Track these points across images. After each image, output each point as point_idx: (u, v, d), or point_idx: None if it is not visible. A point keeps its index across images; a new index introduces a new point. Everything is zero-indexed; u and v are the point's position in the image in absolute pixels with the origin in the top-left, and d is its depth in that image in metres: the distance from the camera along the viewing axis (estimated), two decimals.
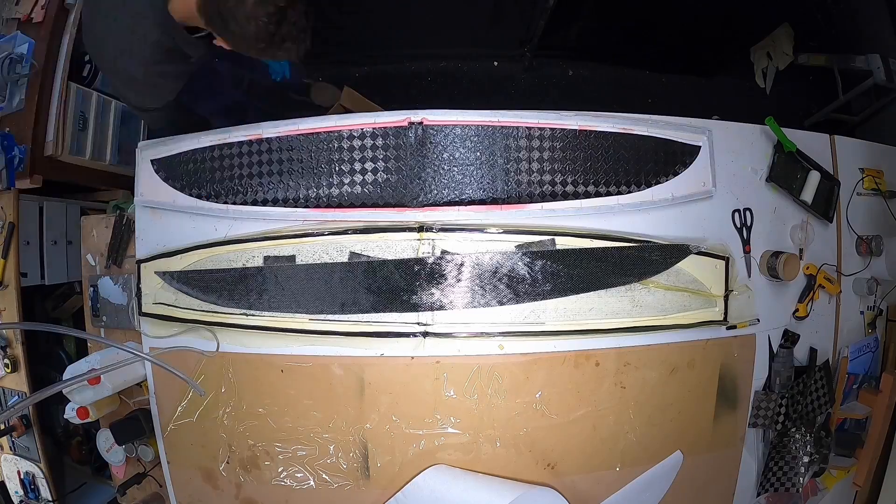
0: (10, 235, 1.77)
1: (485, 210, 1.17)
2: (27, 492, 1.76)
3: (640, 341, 1.20)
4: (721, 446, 1.30)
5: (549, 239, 1.17)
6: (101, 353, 1.25)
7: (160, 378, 1.27)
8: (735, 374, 1.28)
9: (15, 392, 1.73)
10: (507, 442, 1.19)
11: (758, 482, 1.34)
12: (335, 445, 1.21)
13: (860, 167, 1.44)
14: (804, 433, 1.28)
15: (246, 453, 1.24)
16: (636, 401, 1.22)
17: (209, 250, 1.22)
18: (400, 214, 1.17)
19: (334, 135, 1.19)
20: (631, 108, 1.26)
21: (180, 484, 1.30)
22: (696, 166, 1.22)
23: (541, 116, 1.18)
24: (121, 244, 1.39)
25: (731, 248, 1.27)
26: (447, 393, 1.18)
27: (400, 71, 2.50)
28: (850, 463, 1.43)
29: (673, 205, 1.22)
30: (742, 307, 1.26)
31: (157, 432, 1.29)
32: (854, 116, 2.28)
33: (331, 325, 1.18)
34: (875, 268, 1.43)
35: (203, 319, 1.22)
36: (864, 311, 1.45)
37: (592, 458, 1.22)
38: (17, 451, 1.78)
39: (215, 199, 1.22)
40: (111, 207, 1.81)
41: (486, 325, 1.17)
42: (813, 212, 1.33)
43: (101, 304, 1.37)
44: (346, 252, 1.18)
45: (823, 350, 1.38)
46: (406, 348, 1.17)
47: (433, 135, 1.18)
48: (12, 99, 1.93)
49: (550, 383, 1.19)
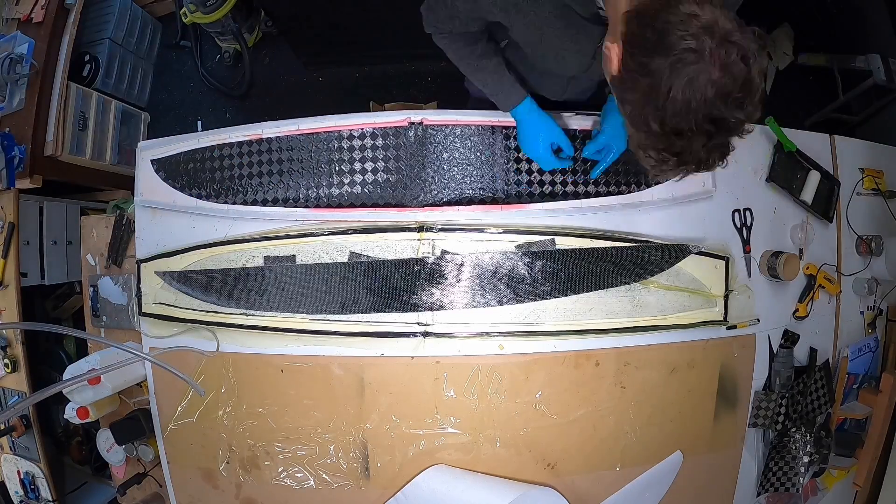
0: (10, 235, 1.77)
1: (485, 210, 1.17)
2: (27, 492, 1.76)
3: (640, 341, 1.20)
4: (721, 446, 1.30)
5: (549, 239, 1.17)
6: (101, 353, 1.25)
7: (160, 378, 1.27)
8: (735, 374, 1.28)
9: (15, 392, 1.73)
10: (507, 442, 1.19)
11: (758, 482, 1.34)
12: (335, 445, 1.21)
13: (860, 167, 1.43)
14: (804, 433, 1.28)
15: (246, 453, 1.24)
16: (636, 401, 1.22)
17: (209, 250, 1.22)
18: (400, 214, 1.17)
19: (334, 135, 1.19)
20: None
21: (180, 484, 1.30)
22: None
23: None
24: (121, 244, 1.39)
25: (731, 248, 1.27)
26: (447, 393, 1.18)
27: (400, 71, 2.50)
28: (850, 463, 1.43)
29: (673, 205, 1.22)
30: (742, 307, 1.26)
31: (157, 432, 1.29)
32: (854, 116, 2.28)
33: (331, 325, 1.18)
34: (875, 268, 1.43)
35: (203, 319, 1.22)
36: (864, 311, 1.45)
37: (592, 458, 1.22)
38: (17, 451, 1.78)
39: (215, 199, 1.22)
40: (111, 207, 1.81)
41: (486, 325, 1.17)
42: (813, 212, 1.33)
43: (101, 304, 1.37)
44: (346, 252, 1.18)
45: (823, 350, 1.37)
46: (406, 348, 1.17)
47: (433, 135, 1.18)
48: (12, 99, 1.93)
49: (550, 383, 1.19)
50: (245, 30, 2.45)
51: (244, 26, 2.43)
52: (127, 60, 2.45)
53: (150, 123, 2.57)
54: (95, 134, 2.19)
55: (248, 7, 2.42)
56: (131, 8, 2.46)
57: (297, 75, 2.55)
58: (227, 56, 2.55)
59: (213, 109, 2.63)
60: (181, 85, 2.67)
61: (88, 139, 2.16)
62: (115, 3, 2.37)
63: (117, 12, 2.37)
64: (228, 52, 2.54)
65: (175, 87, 2.67)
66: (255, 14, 2.49)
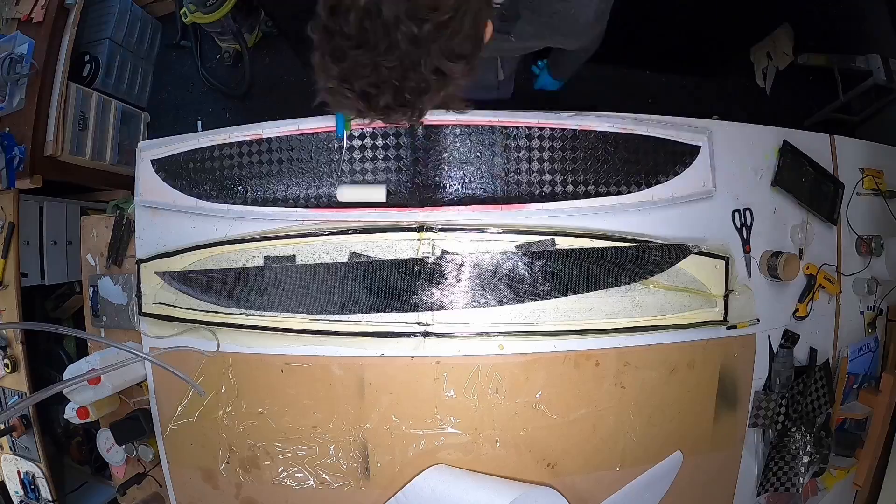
0: (10, 235, 1.77)
1: (485, 210, 1.17)
2: (27, 492, 1.76)
3: (640, 341, 1.20)
4: (721, 446, 1.30)
5: (549, 239, 1.17)
6: (101, 353, 1.25)
7: (160, 378, 1.27)
8: (735, 374, 1.28)
9: (15, 392, 1.73)
10: (507, 442, 1.19)
11: (758, 482, 1.34)
12: (335, 445, 1.21)
13: (860, 167, 1.43)
14: (804, 433, 1.28)
15: (246, 453, 1.24)
16: (636, 401, 1.22)
17: (209, 250, 1.22)
18: (400, 214, 1.17)
19: (334, 135, 1.19)
20: (631, 108, 1.26)
21: (180, 484, 1.30)
22: (696, 166, 1.22)
23: (541, 116, 1.18)
24: (121, 244, 1.39)
25: (731, 248, 1.27)
26: (447, 393, 1.18)
27: None
28: (850, 463, 1.43)
29: (673, 205, 1.22)
30: (742, 307, 1.26)
31: (157, 432, 1.29)
32: (854, 116, 2.28)
33: (331, 325, 1.18)
34: (875, 268, 1.43)
35: (203, 319, 1.22)
36: (864, 311, 1.45)
37: (592, 458, 1.22)
38: (17, 451, 1.78)
39: (215, 199, 1.22)
40: (111, 207, 1.81)
41: (486, 325, 1.17)
42: (816, 213, 1.33)
43: (101, 304, 1.37)
44: (346, 252, 1.18)
45: (823, 350, 1.37)
46: (406, 348, 1.17)
47: (433, 135, 1.18)
48: (12, 99, 1.94)
49: (550, 383, 1.19)
50: (245, 30, 2.45)
51: (244, 26, 2.43)
52: (127, 60, 2.45)
53: (150, 123, 2.57)
54: (95, 134, 2.19)
55: (248, 7, 2.42)
56: (131, 8, 2.46)
57: (297, 75, 2.55)
58: (227, 56, 2.55)
59: (213, 109, 2.63)
60: (181, 85, 2.67)
61: (88, 139, 2.16)
62: (115, 3, 2.37)
63: (117, 12, 2.37)
64: (228, 52, 2.54)
65: (175, 87, 2.67)
66: (255, 14, 2.49)
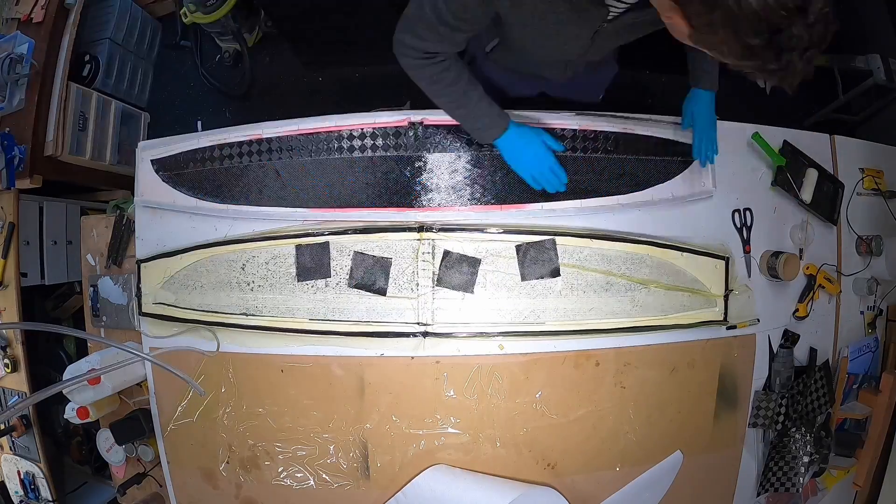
0: (10, 235, 1.77)
1: (485, 210, 1.17)
2: (27, 492, 1.76)
3: (640, 341, 1.20)
4: (721, 446, 1.30)
5: (550, 239, 1.17)
6: (101, 353, 1.25)
7: (160, 378, 1.27)
8: (735, 374, 1.28)
9: (15, 392, 1.73)
10: (507, 442, 1.19)
11: (758, 482, 1.34)
12: (335, 445, 1.21)
13: (860, 167, 1.43)
14: (804, 433, 1.28)
15: (246, 453, 1.24)
16: (636, 401, 1.22)
17: (209, 250, 1.22)
18: (400, 214, 1.17)
19: (334, 135, 1.19)
20: (631, 108, 1.26)
21: (180, 484, 1.30)
22: (696, 166, 1.22)
23: (541, 116, 1.18)
24: (121, 244, 1.39)
25: (731, 248, 1.27)
26: (447, 393, 1.18)
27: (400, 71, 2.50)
28: (850, 463, 1.43)
29: (673, 205, 1.22)
30: (742, 307, 1.26)
31: (157, 432, 1.29)
32: (854, 116, 2.28)
33: (331, 325, 1.18)
34: (875, 268, 1.43)
35: (203, 319, 1.22)
36: (864, 311, 1.45)
37: (592, 458, 1.22)
38: (17, 451, 1.78)
39: (215, 199, 1.22)
40: (111, 207, 1.81)
41: (486, 324, 1.17)
42: (817, 214, 1.33)
43: (101, 304, 1.37)
44: (346, 251, 1.18)
45: (823, 350, 1.37)
46: (406, 348, 1.17)
47: (433, 134, 1.18)
48: (12, 99, 1.93)
49: (550, 383, 1.19)
50: (245, 30, 2.45)
51: (244, 26, 2.43)
52: (127, 60, 2.45)
53: (150, 123, 2.57)
54: (95, 134, 2.19)
55: (248, 7, 2.42)
56: (131, 8, 2.46)
57: (297, 75, 2.55)
58: (227, 56, 2.55)
59: (213, 109, 2.63)
60: (181, 85, 2.67)
61: (88, 139, 2.16)
62: (115, 3, 2.37)
63: (117, 12, 2.37)
64: (228, 52, 2.54)
65: (175, 87, 2.67)
66: (255, 14, 2.49)
